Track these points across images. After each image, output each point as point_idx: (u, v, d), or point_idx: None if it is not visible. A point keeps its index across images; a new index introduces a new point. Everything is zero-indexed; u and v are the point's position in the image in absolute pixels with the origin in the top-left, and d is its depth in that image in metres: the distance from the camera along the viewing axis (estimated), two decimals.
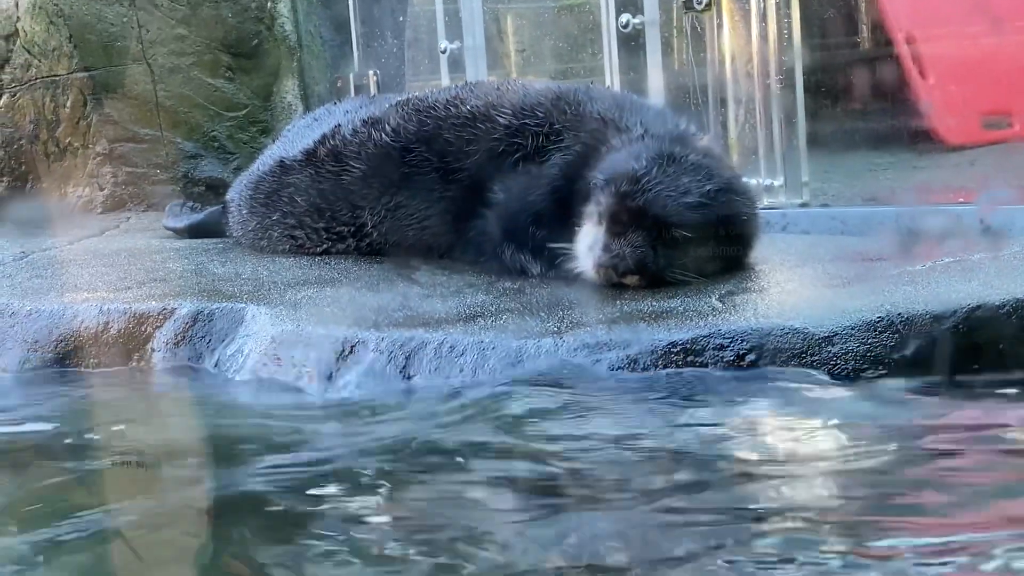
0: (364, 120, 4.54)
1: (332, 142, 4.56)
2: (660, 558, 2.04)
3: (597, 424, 2.78)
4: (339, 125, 4.61)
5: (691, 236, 3.62)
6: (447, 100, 4.41)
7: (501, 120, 4.22)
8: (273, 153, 4.84)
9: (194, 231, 5.20)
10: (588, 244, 3.69)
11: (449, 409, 2.97)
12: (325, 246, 4.55)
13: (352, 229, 4.48)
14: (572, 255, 3.75)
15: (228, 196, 5.05)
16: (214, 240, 5.04)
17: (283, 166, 4.68)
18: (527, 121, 4.16)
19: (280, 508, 2.41)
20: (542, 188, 4.02)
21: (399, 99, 4.63)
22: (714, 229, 3.66)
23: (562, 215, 3.87)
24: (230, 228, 4.96)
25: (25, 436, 3.14)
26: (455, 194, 4.26)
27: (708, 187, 3.67)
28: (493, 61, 6.20)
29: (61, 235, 5.49)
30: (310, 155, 4.60)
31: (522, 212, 4.04)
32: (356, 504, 2.41)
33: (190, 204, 5.54)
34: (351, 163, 4.48)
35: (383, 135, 4.44)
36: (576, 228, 3.77)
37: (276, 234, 4.67)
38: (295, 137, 4.82)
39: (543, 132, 4.11)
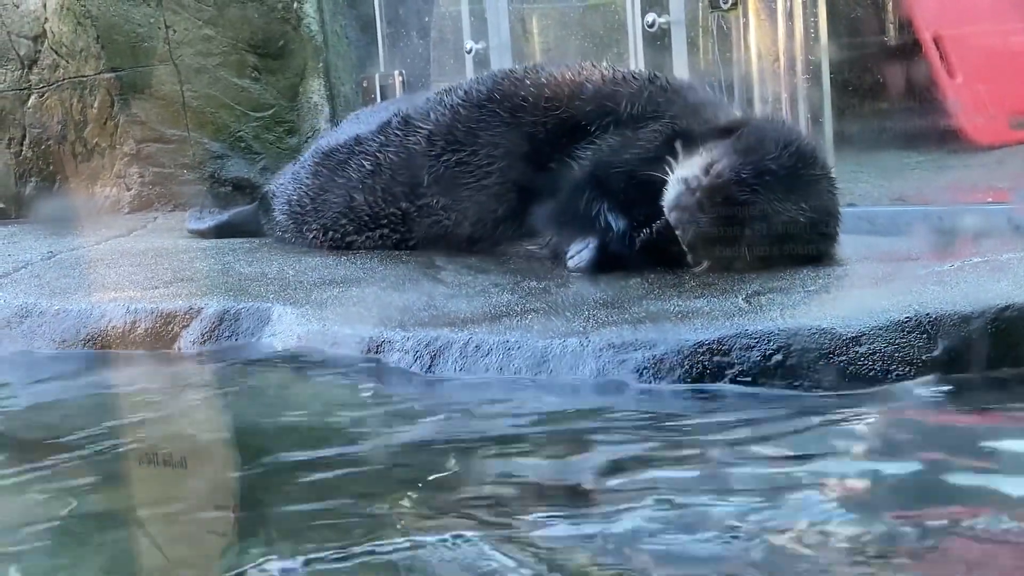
0: (444, 91, 4.61)
1: (405, 115, 4.60)
2: None
3: None
4: (410, 105, 4.67)
5: (758, 252, 3.70)
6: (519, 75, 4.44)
7: (589, 86, 4.22)
8: (347, 130, 4.86)
9: (221, 231, 5.22)
10: (685, 177, 3.73)
11: None
12: (380, 231, 4.58)
13: (413, 209, 4.50)
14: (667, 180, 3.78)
15: (272, 188, 5.05)
16: (240, 240, 5.06)
17: (358, 140, 4.71)
18: (619, 88, 4.16)
19: None
20: (638, 149, 4.00)
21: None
22: (785, 254, 3.73)
23: (651, 184, 3.85)
24: (271, 220, 4.98)
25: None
26: (526, 165, 4.26)
27: (804, 219, 3.72)
28: (519, 61, 6.19)
29: (88, 235, 5.51)
30: (384, 126, 4.63)
31: (614, 167, 4.01)
32: None
33: (209, 209, 5.58)
34: (418, 138, 4.50)
35: (459, 107, 4.46)
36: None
37: (330, 215, 4.68)
38: (368, 116, 4.87)
39: (640, 102, 4.11)
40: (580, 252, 3.97)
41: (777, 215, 3.70)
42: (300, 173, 4.85)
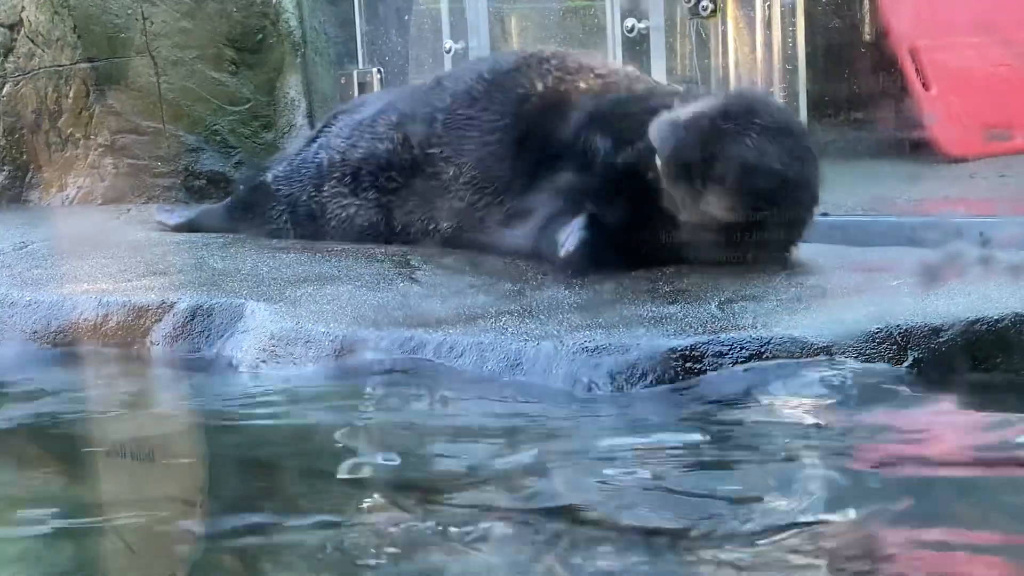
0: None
1: (439, 78, 4.68)
2: None
3: None
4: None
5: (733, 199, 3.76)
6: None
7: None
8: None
9: (190, 226, 5.19)
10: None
11: None
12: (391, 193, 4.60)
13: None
14: None
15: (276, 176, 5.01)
16: (215, 235, 5.03)
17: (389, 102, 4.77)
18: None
19: None
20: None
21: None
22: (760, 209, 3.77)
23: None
24: (264, 211, 4.96)
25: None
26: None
27: (784, 178, 3.78)
28: None
29: (61, 226, 5.48)
30: (417, 87, 4.75)
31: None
32: None
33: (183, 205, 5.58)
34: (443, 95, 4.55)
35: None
36: None
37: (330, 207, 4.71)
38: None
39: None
40: (569, 236, 3.96)
41: (759, 164, 3.72)
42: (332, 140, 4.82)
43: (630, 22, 5.19)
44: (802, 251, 4.01)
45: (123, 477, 2.71)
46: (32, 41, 6.42)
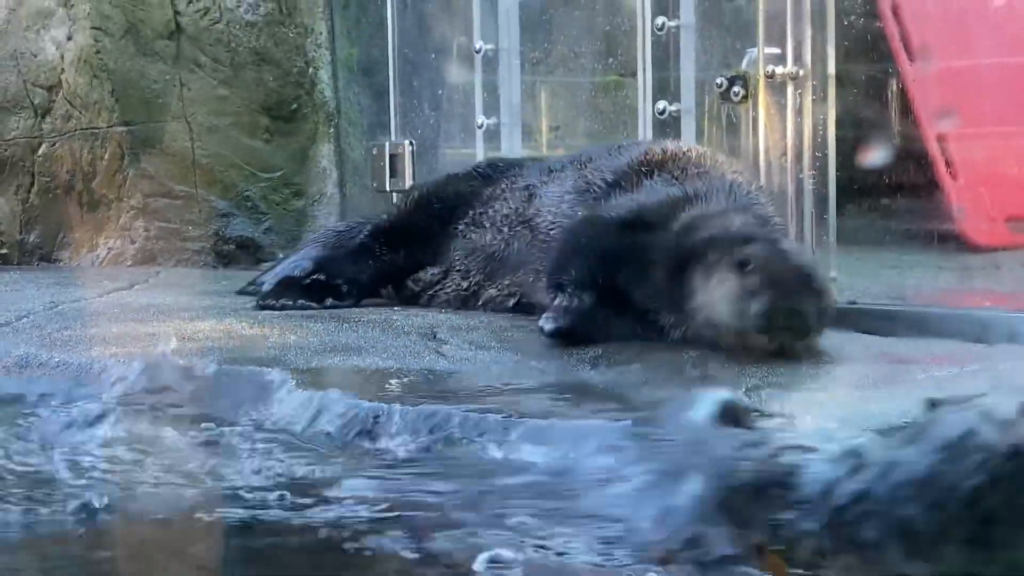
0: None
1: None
2: None
3: None
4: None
5: None
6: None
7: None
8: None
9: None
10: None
11: None
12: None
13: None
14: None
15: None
16: (243, 300, 5.07)
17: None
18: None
19: None
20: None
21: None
22: None
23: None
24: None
25: None
26: None
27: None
28: (527, 136, 6.26)
29: (91, 287, 5.53)
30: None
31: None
32: None
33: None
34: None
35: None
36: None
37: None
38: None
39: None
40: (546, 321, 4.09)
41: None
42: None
43: (661, 104, 5.23)
44: (829, 339, 4.00)
45: None
46: (70, 103, 6.53)
